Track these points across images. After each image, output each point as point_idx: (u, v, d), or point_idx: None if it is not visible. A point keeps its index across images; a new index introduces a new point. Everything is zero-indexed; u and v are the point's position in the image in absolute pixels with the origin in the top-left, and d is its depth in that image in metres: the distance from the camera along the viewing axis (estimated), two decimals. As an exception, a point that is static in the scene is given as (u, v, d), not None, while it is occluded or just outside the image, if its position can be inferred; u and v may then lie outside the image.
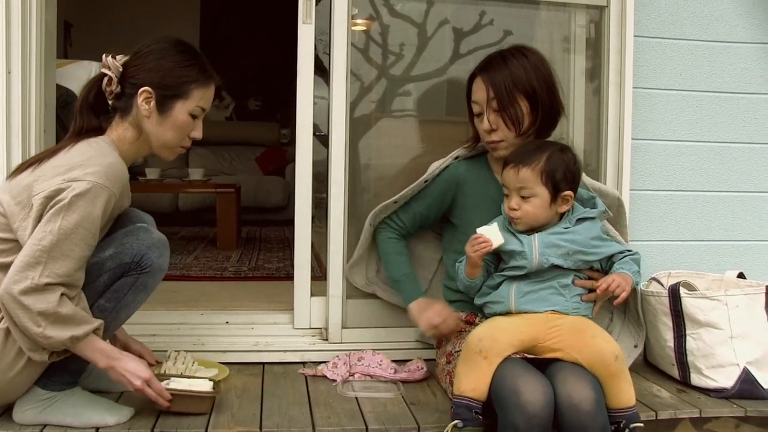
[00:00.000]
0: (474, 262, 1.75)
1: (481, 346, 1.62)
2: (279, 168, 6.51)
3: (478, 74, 1.90)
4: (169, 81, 1.67)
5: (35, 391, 1.62)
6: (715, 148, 2.50)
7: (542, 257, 1.71)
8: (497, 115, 1.86)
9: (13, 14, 2.05)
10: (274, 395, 1.90)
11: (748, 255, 2.52)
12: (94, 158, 1.56)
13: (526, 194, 1.72)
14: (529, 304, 1.72)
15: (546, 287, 1.72)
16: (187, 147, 1.77)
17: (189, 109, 1.70)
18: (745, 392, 1.95)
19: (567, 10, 2.46)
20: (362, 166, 2.37)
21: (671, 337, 2.06)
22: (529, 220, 1.74)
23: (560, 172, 1.72)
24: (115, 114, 1.71)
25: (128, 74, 1.68)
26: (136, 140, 1.71)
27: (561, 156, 1.75)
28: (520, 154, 1.76)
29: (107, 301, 1.63)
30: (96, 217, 1.53)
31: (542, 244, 1.72)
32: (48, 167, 1.57)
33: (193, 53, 1.73)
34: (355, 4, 2.29)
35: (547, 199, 1.72)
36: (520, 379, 1.54)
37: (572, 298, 1.74)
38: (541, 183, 1.71)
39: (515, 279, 1.75)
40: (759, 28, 2.50)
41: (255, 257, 4.19)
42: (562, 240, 1.72)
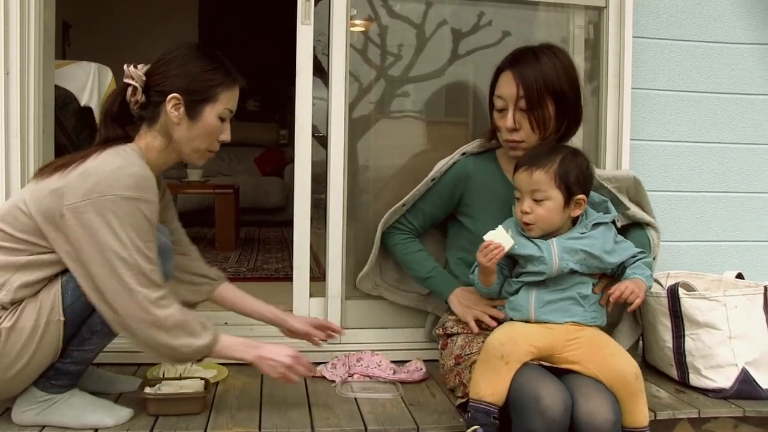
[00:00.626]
0: (489, 270, 1.72)
1: (502, 351, 1.60)
2: (277, 169, 6.51)
3: (508, 68, 1.85)
4: (196, 86, 1.67)
5: (34, 393, 1.62)
6: (714, 149, 2.51)
7: (562, 262, 1.68)
8: (523, 115, 1.82)
9: (12, 14, 2.05)
10: (273, 396, 1.90)
11: (747, 255, 2.53)
12: (123, 168, 1.54)
13: (539, 197, 1.70)
14: (549, 314, 1.69)
15: (566, 297, 1.70)
16: (215, 151, 1.77)
17: (218, 113, 1.70)
18: (744, 392, 1.95)
19: (566, 11, 2.47)
20: (361, 166, 2.37)
21: (670, 337, 2.06)
22: (542, 225, 1.71)
23: (573, 175, 1.70)
24: (142, 123, 1.69)
25: (153, 82, 1.67)
26: (164, 148, 1.70)
27: (574, 159, 1.73)
28: (533, 156, 1.73)
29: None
30: (145, 226, 1.54)
31: (561, 249, 1.69)
32: (76, 175, 1.55)
33: (216, 56, 1.73)
34: (354, 5, 2.29)
35: (561, 203, 1.70)
36: (540, 384, 1.54)
37: (590, 308, 1.72)
38: (555, 186, 1.69)
39: (534, 286, 1.72)
40: (757, 29, 2.51)
41: (254, 258, 4.18)
42: (580, 245, 1.70)
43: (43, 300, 1.55)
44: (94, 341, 1.61)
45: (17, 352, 1.54)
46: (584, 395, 1.56)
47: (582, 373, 1.64)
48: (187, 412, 1.72)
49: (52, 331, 1.55)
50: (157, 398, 1.71)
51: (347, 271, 2.27)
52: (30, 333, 1.53)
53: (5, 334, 1.53)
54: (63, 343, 1.57)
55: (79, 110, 3.21)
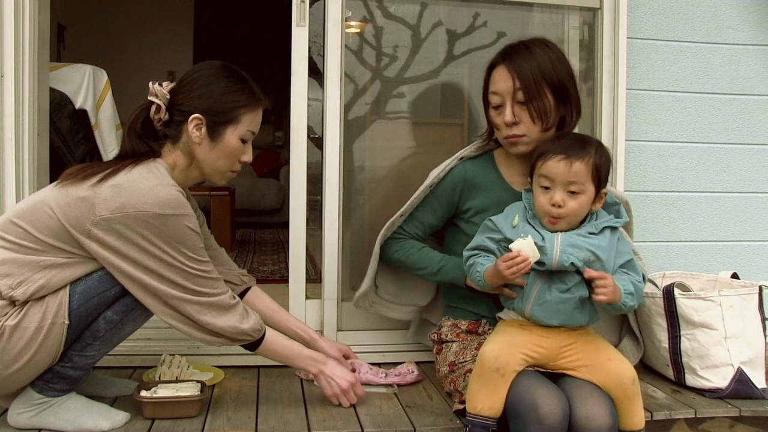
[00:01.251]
0: (508, 279, 1.62)
1: (498, 364, 1.56)
2: (273, 170, 6.51)
3: (501, 62, 1.80)
4: (219, 107, 1.67)
5: (30, 395, 1.61)
6: (709, 149, 2.51)
7: (563, 255, 1.59)
8: (522, 108, 1.76)
9: (6, 17, 2.04)
10: (269, 398, 1.90)
11: (742, 255, 2.54)
12: (157, 188, 1.55)
13: (575, 189, 1.61)
14: (543, 315, 1.63)
15: (568, 299, 1.62)
16: (237, 171, 1.77)
17: (240, 134, 1.70)
18: (740, 392, 1.95)
19: (560, 12, 2.47)
20: (356, 168, 2.37)
21: (666, 337, 2.06)
22: (572, 219, 1.63)
23: (605, 169, 1.64)
24: (166, 141, 1.69)
25: (176, 102, 1.67)
26: (187, 167, 1.71)
27: (603, 151, 1.66)
28: (566, 146, 1.63)
29: (115, 314, 1.61)
30: (193, 238, 1.58)
31: (565, 243, 1.61)
32: (107, 187, 1.54)
33: (241, 78, 1.73)
34: (349, 7, 2.30)
35: (592, 197, 1.63)
36: (538, 392, 1.52)
37: (588, 311, 1.66)
38: (591, 179, 1.61)
39: (538, 278, 1.63)
40: (751, 30, 2.52)
41: (250, 260, 4.18)
42: (587, 243, 1.62)
43: (49, 301, 1.55)
44: (95, 347, 1.61)
45: (18, 351, 1.53)
46: (581, 400, 1.55)
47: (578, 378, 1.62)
48: (184, 415, 1.72)
49: (55, 333, 1.55)
50: (153, 401, 1.71)
51: (343, 272, 2.27)
52: (33, 333, 1.53)
53: (9, 332, 1.52)
54: (64, 346, 1.57)
55: (74, 112, 3.20)
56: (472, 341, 1.85)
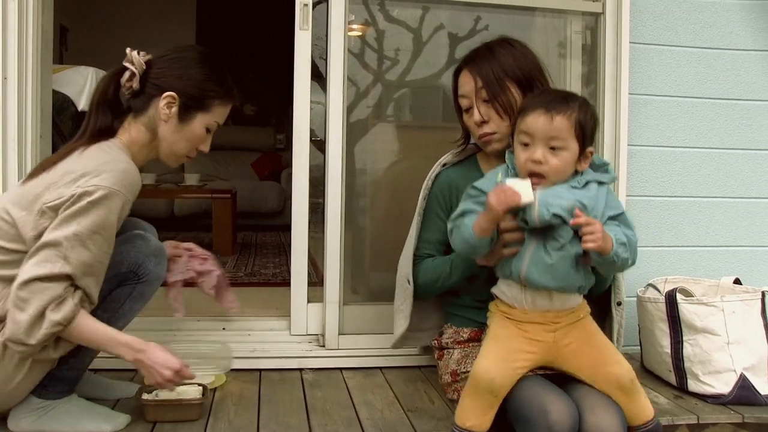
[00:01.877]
0: (496, 216, 1.49)
1: (492, 386, 1.53)
2: (275, 173, 6.51)
3: (464, 67, 1.83)
4: (194, 91, 1.66)
5: (31, 400, 1.61)
6: (711, 155, 2.51)
7: (542, 207, 1.49)
8: (488, 106, 1.77)
9: (10, 19, 2.04)
10: (270, 402, 1.89)
11: (744, 261, 2.53)
12: (108, 163, 1.53)
13: (557, 145, 1.52)
14: (537, 275, 1.53)
15: (562, 258, 1.52)
16: (192, 157, 1.76)
17: (207, 123, 1.70)
18: (743, 398, 1.95)
19: (563, 17, 2.47)
20: (358, 171, 2.37)
21: (668, 343, 2.06)
22: (555, 177, 1.53)
23: (590, 125, 1.56)
24: (129, 113, 1.68)
25: (152, 74, 1.66)
26: (147, 143, 1.69)
27: (588, 108, 1.58)
28: (548, 100, 1.56)
29: (104, 312, 1.60)
30: (111, 224, 1.51)
31: (545, 196, 1.51)
32: (59, 173, 1.54)
33: (221, 68, 1.72)
34: (352, 10, 2.30)
35: (576, 155, 1.55)
36: (548, 398, 1.51)
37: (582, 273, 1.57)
38: (574, 135, 1.53)
39: (532, 239, 1.55)
40: (753, 36, 2.52)
41: (251, 263, 4.18)
42: (569, 193, 1.53)
43: None
44: (89, 348, 1.60)
45: (15, 364, 1.52)
46: (590, 408, 1.53)
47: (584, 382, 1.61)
48: (185, 419, 1.71)
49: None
50: (154, 404, 1.71)
51: (345, 276, 2.27)
52: None
53: (2, 348, 1.51)
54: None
55: (77, 114, 3.21)
56: (474, 349, 1.84)
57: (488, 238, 1.55)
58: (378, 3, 2.40)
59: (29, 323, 1.44)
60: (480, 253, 1.60)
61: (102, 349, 1.58)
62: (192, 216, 5.82)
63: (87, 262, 1.48)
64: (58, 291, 1.46)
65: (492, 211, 1.49)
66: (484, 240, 1.55)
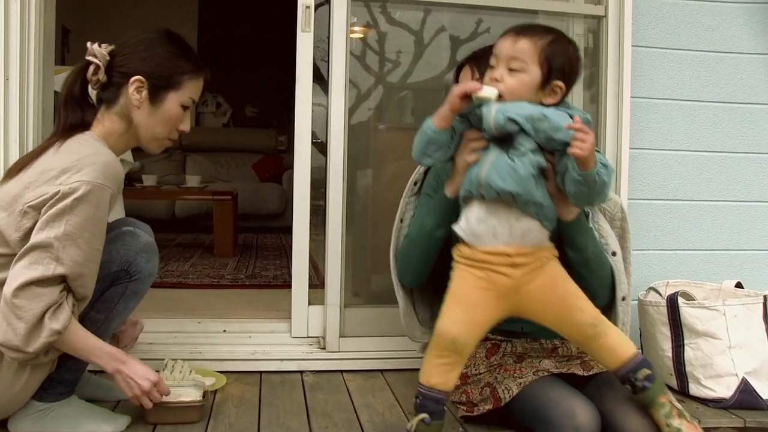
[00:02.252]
0: (453, 101, 1.49)
1: (455, 346, 1.51)
2: (276, 175, 6.51)
3: (466, 62, 1.85)
4: (162, 71, 1.63)
5: (31, 403, 1.60)
6: (713, 158, 2.51)
7: (499, 114, 1.46)
8: None
9: (12, 20, 2.04)
10: (271, 404, 1.89)
11: (746, 264, 2.53)
12: (88, 157, 1.50)
13: (515, 67, 1.50)
14: (497, 177, 1.46)
15: (524, 162, 1.47)
16: (174, 140, 1.73)
17: (181, 101, 1.67)
18: (744, 403, 1.94)
19: (565, 20, 2.47)
20: (360, 173, 2.37)
21: (669, 347, 2.06)
22: (509, 96, 1.50)
23: (560, 60, 1.51)
24: (100, 106, 1.65)
25: (117, 63, 1.63)
26: (124, 132, 1.66)
27: (568, 46, 1.55)
28: (525, 26, 1.55)
29: (98, 312, 1.60)
30: (100, 218, 1.49)
31: (504, 104, 1.48)
32: (37, 171, 1.51)
33: (185, 45, 1.70)
34: (354, 13, 2.30)
35: (537, 82, 1.50)
36: (575, 402, 1.52)
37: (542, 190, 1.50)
38: (537, 61, 1.50)
39: (495, 145, 1.52)
40: (756, 39, 2.51)
41: (252, 265, 4.17)
42: (530, 106, 1.49)
43: None
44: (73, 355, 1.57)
45: (15, 371, 1.51)
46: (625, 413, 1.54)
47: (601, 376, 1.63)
48: (186, 421, 1.71)
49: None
50: (155, 406, 1.70)
51: (346, 278, 2.27)
52: None
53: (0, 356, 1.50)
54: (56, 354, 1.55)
55: (78, 116, 3.20)
56: (478, 347, 1.84)
57: (444, 131, 1.54)
58: (380, 5, 2.40)
59: (27, 331, 1.43)
60: (437, 149, 1.56)
61: (85, 356, 1.54)
62: (193, 217, 5.82)
63: (80, 261, 1.47)
64: (54, 296, 1.45)
65: (451, 97, 1.50)
66: (442, 133, 1.54)
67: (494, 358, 1.79)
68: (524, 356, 1.77)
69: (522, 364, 1.73)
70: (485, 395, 1.71)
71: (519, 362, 1.74)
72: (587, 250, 1.66)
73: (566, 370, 1.69)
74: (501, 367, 1.75)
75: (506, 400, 1.65)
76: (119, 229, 1.68)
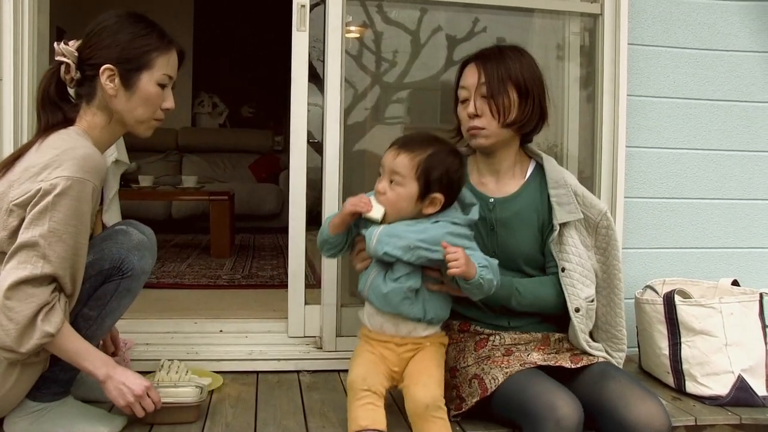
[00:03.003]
0: (343, 216, 1.66)
1: (367, 384, 1.64)
2: (273, 175, 6.51)
3: (472, 60, 1.87)
4: (129, 54, 1.61)
5: (26, 403, 1.60)
6: (709, 156, 2.51)
7: (378, 245, 1.60)
8: (484, 102, 1.80)
9: (5, 20, 2.04)
10: (268, 404, 1.89)
11: (742, 262, 2.53)
12: (67, 152, 1.49)
13: (395, 180, 1.63)
14: (375, 299, 1.66)
15: (395, 289, 1.63)
16: (161, 119, 1.70)
17: (156, 79, 1.64)
18: (740, 400, 1.95)
19: (561, 18, 2.47)
20: (356, 173, 2.36)
21: (666, 344, 2.06)
22: (391, 210, 1.64)
23: (437, 172, 1.63)
24: (81, 101, 1.64)
25: (85, 57, 1.62)
26: (107, 124, 1.65)
27: (446, 157, 1.66)
28: (408, 140, 1.68)
29: (91, 309, 1.60)
30: (84, 212, 1.48)
31: (384, 233, 1.61)
32: (21, 169, 1.51)
33: (148, 22, 1.67)
34: (349, 12, 2.29)
35: (414, 194, 1.63)
36: (556, 395, 1.54)
37: (423, 304, 1.66)
38: (414, 176, 1.62)
39: (377, 264, 1.66)
40: (751, 37, 2.52)
41: (249, 265, 4.17)
42: (408, 231, 1.61)
43: None
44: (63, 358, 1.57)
45: (4, 370, 1.51)
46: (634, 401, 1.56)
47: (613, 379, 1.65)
48: (182, 421, 1.71)
49: None
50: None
51: (342, 278, 2.26)
52: None
53: None
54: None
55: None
56: (468, 340, 1.85)
57: (338, 235, 1.71)
58: (376, 4, 2.40)
59: (19, 332, 1.42)
60: (331, 248, 1.75)
61: (75, 360, 1.53)
62: (190, 218, 5.81)
63: (66, 257, 1.46)
64: (44, 297, 1.44)
65: (344, 209, 1.66)
66: (335, 237, 1.71)
67: (483, 351, 1.81)
68: (513, 348, 1.79)
69: (510, 357, 1.75)
70: (473, 387, 1.73)
71: (507, 355, 1.77)
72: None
73: (554, 363, 1.71)
74: (489, 359, 1.77)
75: (492, 389, 1.67)
76: (112, 228, 1.69)
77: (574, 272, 1.81)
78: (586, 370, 1.70)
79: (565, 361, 1.72)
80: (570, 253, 1.82)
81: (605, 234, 1.86)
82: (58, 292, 1.48)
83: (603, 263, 1.88)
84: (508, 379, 1.66)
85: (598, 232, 1.86)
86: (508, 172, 1.90)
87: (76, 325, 1.57)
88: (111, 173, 2.90)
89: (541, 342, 1.83)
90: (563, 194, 1.84)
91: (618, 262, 1.86)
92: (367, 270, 1.69)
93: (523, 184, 1.89)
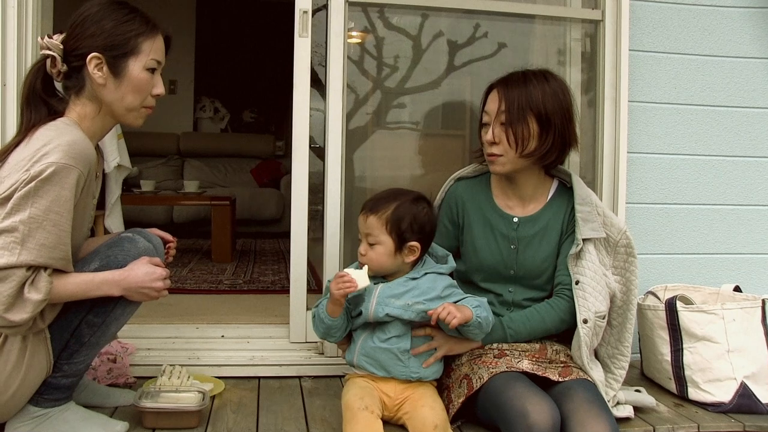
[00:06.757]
0: (336, 301, 1.72)
1: (364, 404, 1.66)
2: (274, 180, 6.51)
3: (496, 86, 1.88)
4: (114, 41, 1.59)
5: (27, 409, 1.59)
6: (710, 162, 2.51)
7: (378, 306, 1.71)
8: (502, 129, 1.82)
9: (9, 25, 2.05)
10: (269, 410, 1.89)
11: (744, 268, 2.53)
12: (54, 140, 1.48)
13: (372, 241, 1.74)
14: (366, 363, 1.75)
15: (385, 349, 1.73)
16: (151, 106, 1.69)
17: (144, 65, 1.62)
18: (743, 407, 1.94)
19: (562, 24, 2.48)
20: (357, 178, 2.37)
21: (668, 351, 2.05)
22: (375, 267, 1.74)
23: (406, 222, 1.73)
24: (69, 94, 1.63)
25: (70, 48, 1.60)
26: (97, 114, 1.63)
27: (411, 206, 1.76)
28: (374, 200, 1.79)
29: (96, 316, 1.59)
30: (67, 199, 1.46)
31: (382, 294, 1.73)
32: (11, 164, 1.50)
33: (131, 8, 1.65)
34: (351, 18, 2.30)
35: (392, 248, 1.74)
36: (529, 400, 1.54)
37: (413, 363, 1.75)
38: (386, 231, 1.73)
39: (365, 329, 1.76)
40: (752, 43, 2.52)
41: (250, 270, 4.17)
42: (404, 288, 1.73)
43: None
44: (83, 353, 1.59)
45: (8, 375, 1.51)
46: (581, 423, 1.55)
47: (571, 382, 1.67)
48: (184, 426, 1.71)
49: (39, 348, 1.52)
50: (153, 411, 1.70)
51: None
52: (18, 354, 1.50)
53: None
54: (53, 358, 1.56)
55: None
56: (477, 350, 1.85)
57: (339, 318, 1.75)
58: (377, 10, 2.41)
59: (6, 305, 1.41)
60: (337, 331, 1.78)
61: (87, 296, 1.53)
62: (191, 223, 5.81)
63: (47, 244, 1.45)
64: (21, 276, 1.42)
65: (332, 296, 1.71)
66: (338, 319, 1.75)
67: (477, 350, 1.83)
68: (506, 352, 1.80)
69: (500, 360, 1.76)
70: (462, 388, 1.74)
71: (498, 357, 1.78)
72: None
73: (541, 373, 1.72)
74: (480, 359, 1.79)
75: (477, 387, 1.69)
76: (120, 236, 1.68)
77: (588, 286, 1.82)
78: (560, 383, 1.71)
79: (553, 373, 1.73)
80: (586, 268, 1.84)
81: (625, 252, 1.90)
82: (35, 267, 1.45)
83: (623, 284, 1.91)
84: (490, 380, 1.67)
85: (617, 251, 1.90)
86: (532, 196, 1.93)
87: (80, 332, 1.57)
88: (113, 178, 2.91)
89: (538, 351, 1.83)
90: (588, 212, 1.87)
91: (636, 278, 1.90)
92: (353, 340, 1.79)
93: (546, 203, 1.92)
